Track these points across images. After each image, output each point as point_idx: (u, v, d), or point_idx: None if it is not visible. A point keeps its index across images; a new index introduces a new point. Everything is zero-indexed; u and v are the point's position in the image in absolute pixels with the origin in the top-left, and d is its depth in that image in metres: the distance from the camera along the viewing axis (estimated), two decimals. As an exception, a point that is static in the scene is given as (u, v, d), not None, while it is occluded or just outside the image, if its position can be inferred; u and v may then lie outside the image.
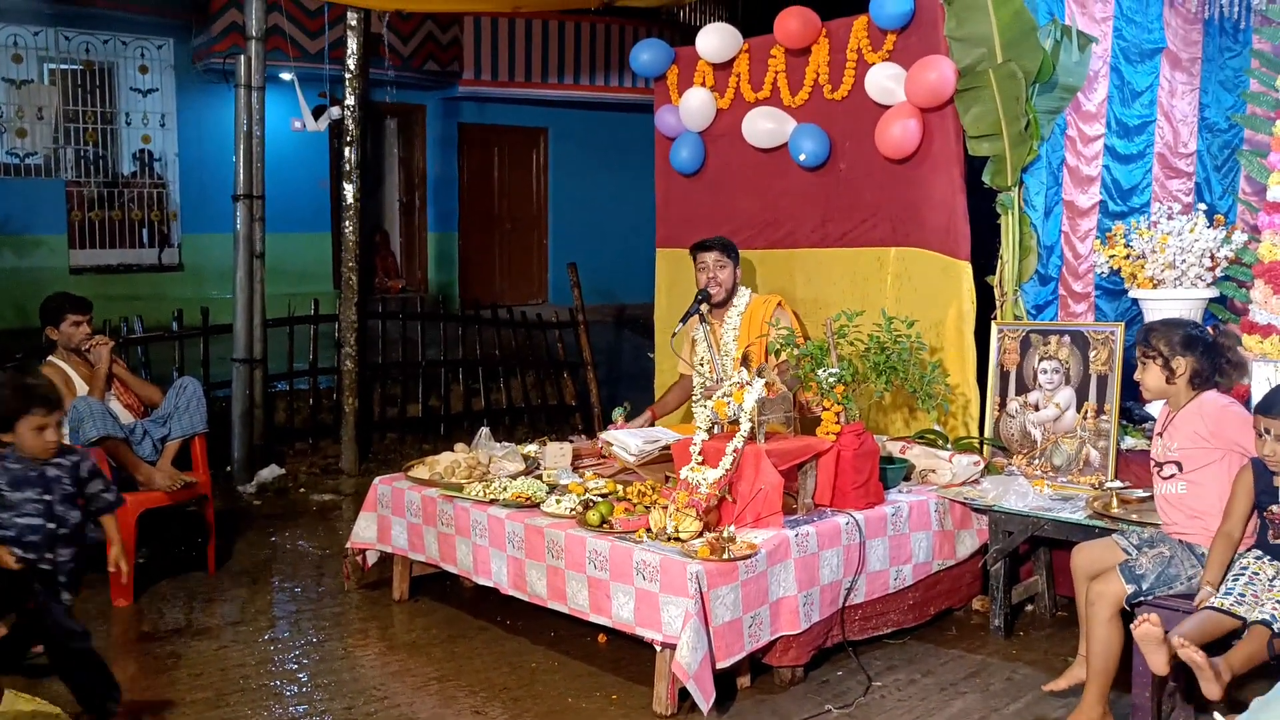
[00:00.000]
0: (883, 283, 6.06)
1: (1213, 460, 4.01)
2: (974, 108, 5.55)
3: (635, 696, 4.41)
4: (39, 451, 4.09)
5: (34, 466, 4.09)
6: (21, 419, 4.02)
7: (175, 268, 13.33)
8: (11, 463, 4.09)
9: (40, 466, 4.11)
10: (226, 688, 4.56)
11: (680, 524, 4.37)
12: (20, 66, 12.29)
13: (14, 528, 4.05)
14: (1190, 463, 4.05)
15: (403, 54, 13.54)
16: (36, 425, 4.04)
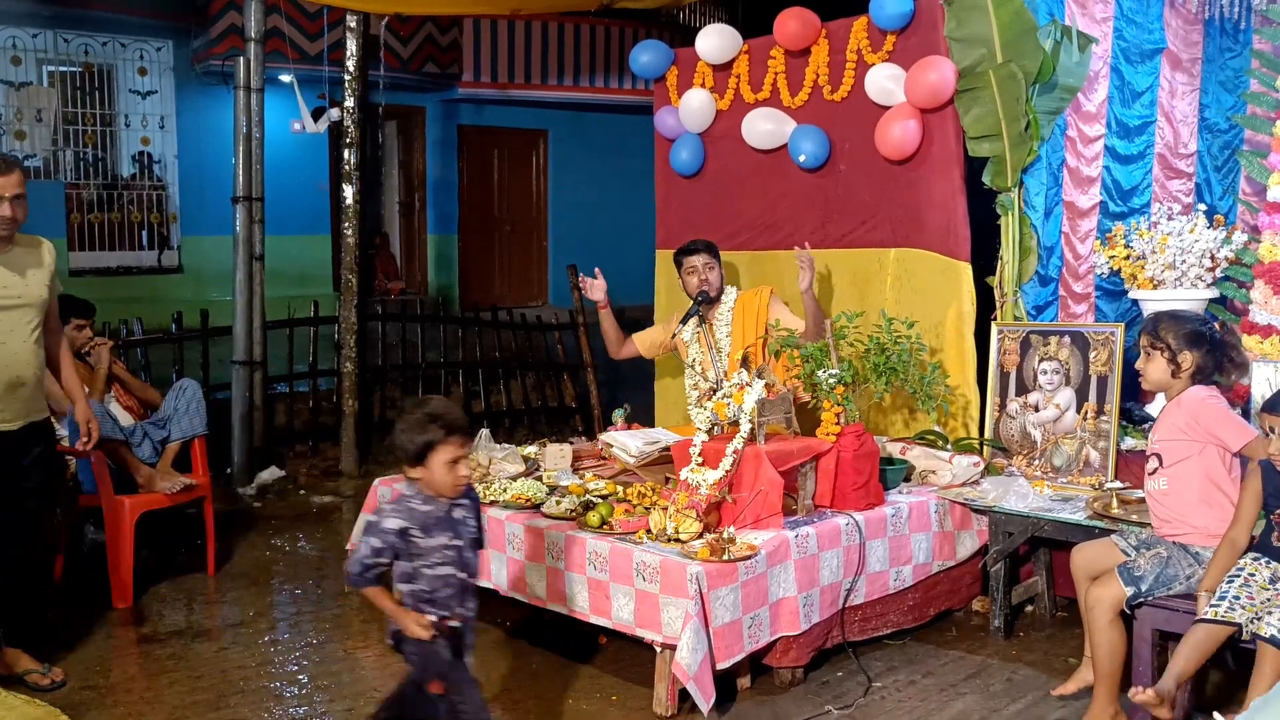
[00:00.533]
0: (883, 284, 6.06)
1: (1190, 454, 4.00)
2: (974, 108, 5.55)
3: (635, 697, 4.41)
4: (449, 489, 3.44)
5: (442, 506, 3.47)
6: (435, 451, 3.40)
7: (175, 270, 13.33)
8: (419, 503, 3.46)
9: (447, 506, 3.49)
10: (227, 689, 4.55)
11: (680, 525, 4.36)
12: (19, 69, 12.29)
13: (424, 580, 3.44)
14: (1169, 456, 4.05)
15: (402, 56, 13.54)
16: (451, 458, 3.41)
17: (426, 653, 3.43)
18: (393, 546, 3.40)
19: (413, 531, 3.41)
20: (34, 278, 4.47)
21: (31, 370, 4.43)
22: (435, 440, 3.38)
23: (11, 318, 4.37)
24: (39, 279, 4.50)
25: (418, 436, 3.39)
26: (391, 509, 3.44)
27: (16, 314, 4.39)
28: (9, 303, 4.37)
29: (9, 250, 4.41)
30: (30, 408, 4.47)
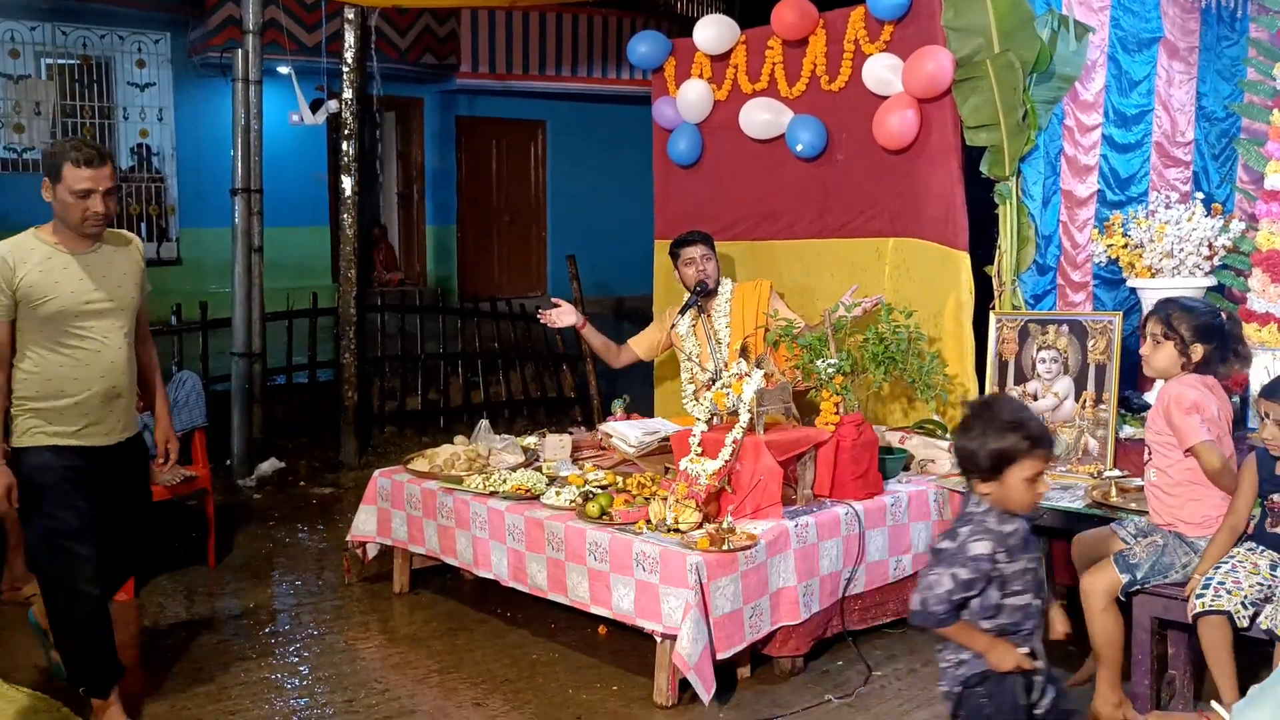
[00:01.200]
0: (881, 273, 6.07)
1: (1173, 446, 4.00)
2: (972, 98, 5.55)
3: (636, 687, 4.42)
4: (1027, 506, 2.98)
5: (1023, 525, 3.01)
6: (1015, 464, 2.92)
7: (173, 262, 13.32)
8: (996, 522, 2.96)
9: (1027, 523, 3.04)
10: (228, 680, 4.57)
11: (680, 515, 4.38)
12: (17, 61, 12.27)
13: (1005, 612, 2.98)
14: (1156, 447, 4.06)
15: (400, 47, 13.52)
16: (1033, 473, 2.93)
17: (1003, 700, 2.98)
18: (986, 575, 2.92)
19: (998, 555, 2.93)
20: (125, 279, 4.13)
21: (126, 380, 4.13)
22: (1018, 452, 2.91)
23: (104, 324, 4.02)
24: (131, 280, 4.18)
25: (994, 445, 2.91)
26: (970, 532, 2.94)
27: (109, 320, 4.04)
28: (101, 306, 4.01)
29: (97, 249, 4.04)
30: (127, 421, 4.19)
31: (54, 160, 3.85)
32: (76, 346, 3.95)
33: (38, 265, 3.87)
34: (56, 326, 3.90)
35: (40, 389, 3.92)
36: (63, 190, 3.84)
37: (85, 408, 3.98)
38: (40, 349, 3.92)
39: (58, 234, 3.95)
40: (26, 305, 3.85)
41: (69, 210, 3.87)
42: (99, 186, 3.86)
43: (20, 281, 3.83)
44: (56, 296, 3.88)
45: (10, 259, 3.84)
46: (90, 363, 3.98)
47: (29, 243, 3.92)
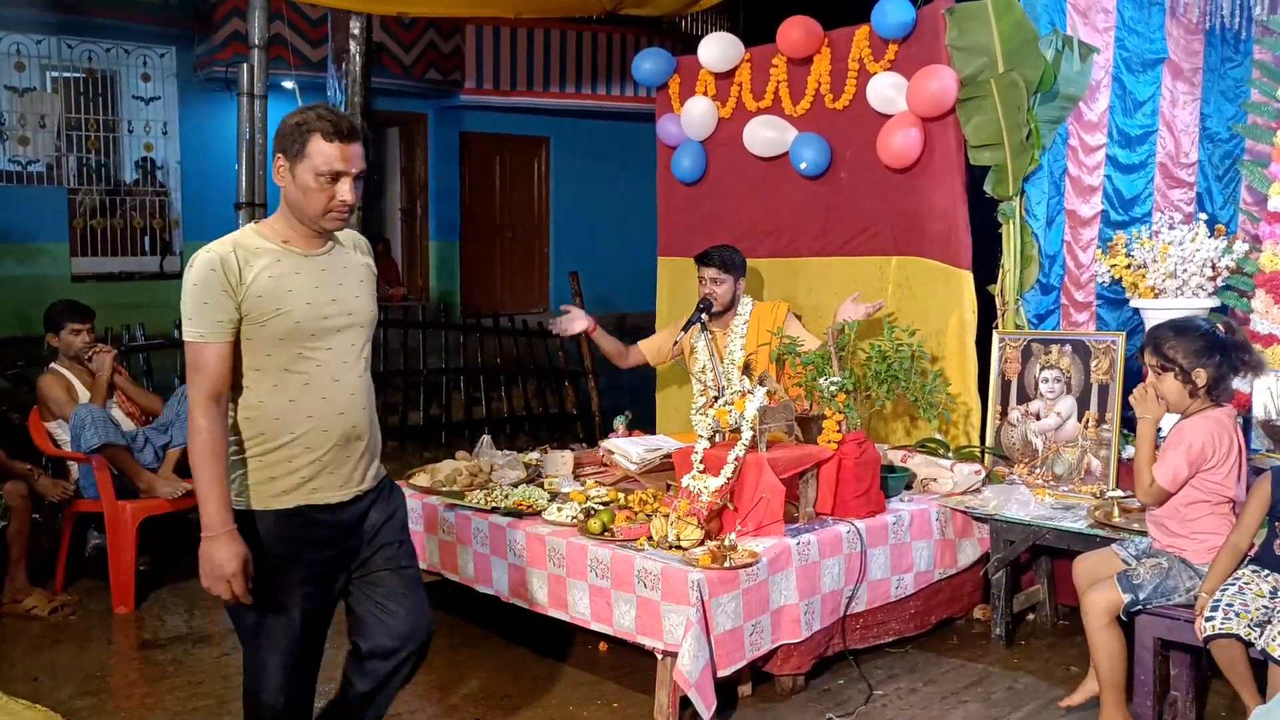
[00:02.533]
0: (884, 291, 6.07)
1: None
2: (975, 117, 5.56)
3: (636, 705, 4.41)
4: None
5: None
6: None
7: (177, 275, 13.27)
8: None
9: None
10: (227, 695, 4.55)
11: (682, 532, 4.37)
12: (23, 74, 12.31)
13: None
14: None
15: (404, 63, 13.56)
16: None
17: None
18: None
19: None
20: (363, 287, 3.25)
21: (368, 415, 3.25)
22: None
23: (342, 345, 3.14)
24: (367, 289, 3.27)
25: None
26: None
27: (347, 339, 3.15)
28: (340, 322, 3.12)
29: (330, 248, 3.19)
30: (367, 468, 3.27)
31: (298, 131, 3.00)
32: (309, 374, 3.08)
33: (266, 269, 3.01)
34: (287, 349, 3.04)
35: (264, 430, 3.06)
36: (305, 171, 3.00)
37: (319, 453, 3.11)
38: (264, 378, 3.05)
39: (285, 229, 3.11)
40: (253, 321, 2.99)
41: (309, 198, 3.03)
42: (352, 168, 3.04)
43: (248, 290, 2.98)
44: (290, 309, 3.02)
45: (235, 261, 2.98)
46: (327, 394, 3.10)
47: (252, 240, 3.06)
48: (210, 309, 2.95)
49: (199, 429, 2.96)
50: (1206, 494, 3.93)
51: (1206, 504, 3.94)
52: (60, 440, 5.83)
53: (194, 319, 2.97)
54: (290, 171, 3.04)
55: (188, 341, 2.99)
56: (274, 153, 3.07)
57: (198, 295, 2.96)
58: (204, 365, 2.97)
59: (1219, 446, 3.89)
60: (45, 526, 6.24)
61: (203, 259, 2.98)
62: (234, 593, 2.99)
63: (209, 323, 2.96)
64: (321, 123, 3.00)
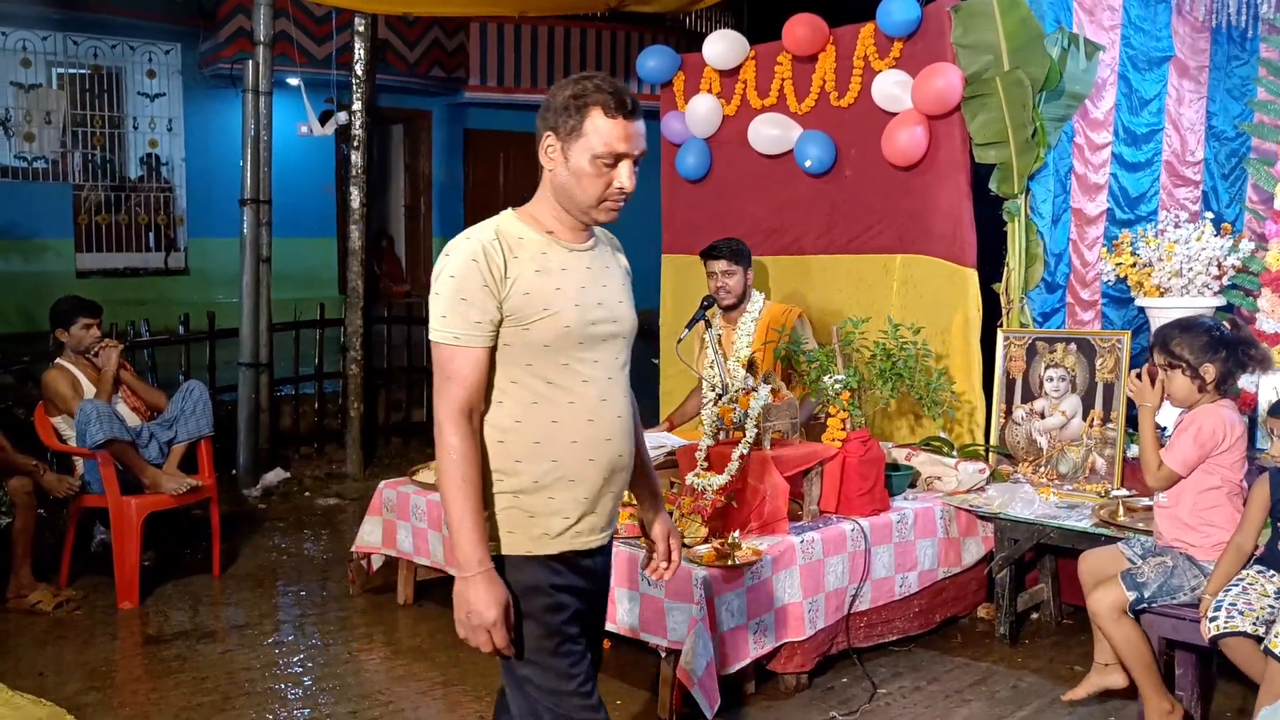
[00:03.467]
0: (889, 289, 6.06)
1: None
2: (980, 115, 5.55)
3: (640, 703, 4.41)
4: None
5: None
6: None
7: (182, 272, 13.35)
8: None
9: None
10: (232, 691, 4.56)
11: (686, 530, 4.37)
12: (29, 71, 12.32)
13: None
14: None
15: (409, 60, 13.57)
16: None
17: None
18: None
19: None
20: (624, 291, 2.79)
21: (630, 442, 2.73)
22: None
23: (608, 356, 2.67)
24: (629, 294, 2.82)
25: None
26: None
27: (612, 348, 2.68)
28: (607, 329, 2.66)
29: (593, 244, 2.74)
30: (616, 506, 2.77)
31: (574, 106, 2.56)
32: (575, 391, 2.59)
33: (532, 262, 2.57)
34: (552, 358, 2.56)
35: (520, 457, 2.57)
36: (580, 152, 2.56)
37: (584, 487, 2.61)
38: (523, 393, 2.57)
39: (550, 217, 2.66)
40: (516, 322, 2.53)
41: (583, 184, 2.58)
42: (634, 150, 2.62)
43: (513, 286, 2.53)
44: (559, 310, 2.56)
45: (498, 250, 2.54)
46: (594, 416, 2.61)
47: (515, 228, 2.63)
48: (468, 307, 2.49)
49: (450, 448, 2.48)
50: (1219, 480, 3.93)
51: (1219, 491, 3.93)
52: (66, 436, 5.84)
53: (448, 317, 2.50)
54: (562, 152, 2.58)
55: (437, 344, 2.52)
56: (541, 130, 2.61)
57: (455, 290, 2.50)
58: (457, 373, 2.50)
59: (1230, 432, 3.91)
60: (50, 522, 6.25)
61: (463, 248, 2.54)
62: (495, 644, 2.52)
63: (466, 323, 2.49)
64: (601, 95, 2.56)
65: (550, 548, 2.58)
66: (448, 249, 2.57)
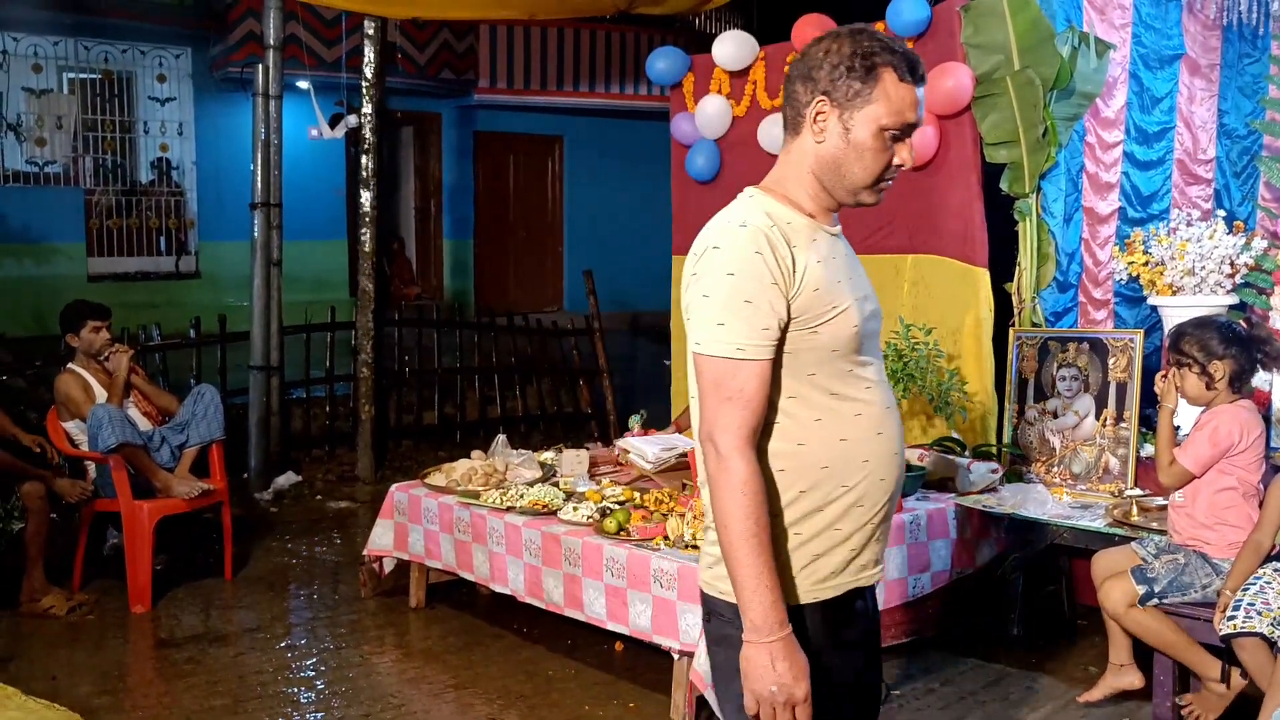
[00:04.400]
0: (900, 290, 6.05)
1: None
2: (991, 115, 5.54)
3: (652, 705, 4.40)
4: None
5: None
6: None
7: (193, 275, 13.38)
8: None
9: None
10: (244, 694, 4.56)
11: (698, 531, 4.36)
12: (40, 76, 12.36)
13: None
14: None
15: (419, 62, 13.58)
16: None
17: None
18: None
19: None
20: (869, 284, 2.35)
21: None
22: None
23: (878, 355, 2.30)
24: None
25: None
26: None
27: (879, 346, 2.34)
28: (877, 324, 2.30)
29: (837, 227, 2.33)
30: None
31: (861, 66, 2.12)
32: (861, 400, 2.19)
33: (810, 250, 2.15)
34: (836, 365, 2.16)
35: (805, 486, 2.15)
36: (865, 121, 2.13)
37: (872, 514, 2.20)
38: (805, 409, 2.14)
39: (806, 196, 2.24)
40: (804, 325, 2.10)
41: (864, 158, 2.17)
42: (919, 119, 2.19)
43: (803, 282, 2.10)
44: (847, 307, 2.15)
45: (780, 238, 2.11)
46: (884, 426, 2.21)
47: (779, 210, 2.19)
48: (754, 311, 2.04)
49: (739, 486, 2.02)
50: (1235, 481, 3.91)
51: (1235, 491, 3.91)
52: (78, 440, 5.85)
53: (729, 324, 2.04)
54: (839, 121, 2.15)
55: (713, 357, 2.06)
56: (805, 93, 2.19)
57: (735, 290, 2.05)
58: (740, 392, 2.05)
59: (1246, 433, 3.89)
60: (62, 526, 6.26)
61: (739, 237, 2.09)
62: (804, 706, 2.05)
63: (751, 331, 2.04)
64: (893, 57, 2.13)
65: (832, 589, 2.17)
66: (712, 239, 2.13)
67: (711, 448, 2.07)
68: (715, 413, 2.07)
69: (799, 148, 2.24)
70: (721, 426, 2.05)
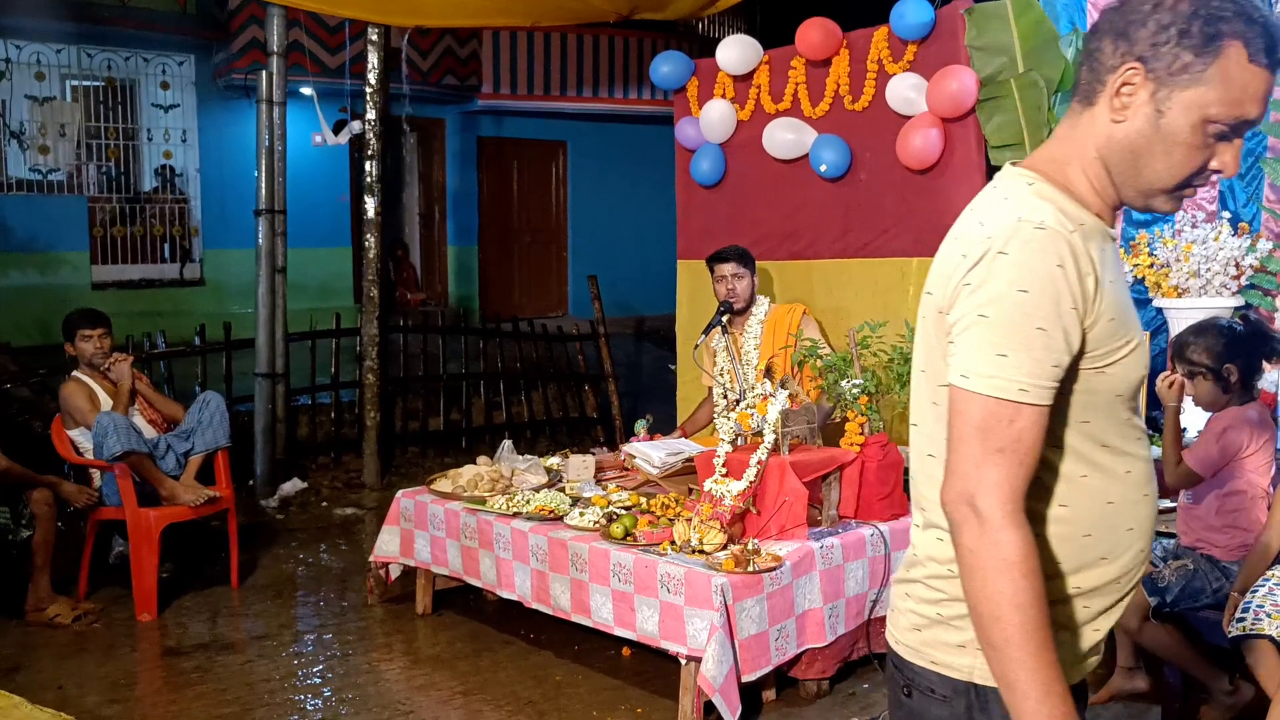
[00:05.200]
0: (905, 293, 6.04)
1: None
2: (996, 117, 5.53)
3: (660, 710, 4.40)
4: None
5: None
6: None
7: (197, 283, 13.40)
8: None
9: None
10: (252, 702, 4.56)
11: (704, 536, 4.35)
12: (43, 84, 12.39)
13: None
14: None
15: (422, 69, 13.60)
16: None
17: None
18: None
19: None
20: None
21: None
22: None
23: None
24: None
25: None
26: None
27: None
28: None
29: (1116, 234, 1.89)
30: None
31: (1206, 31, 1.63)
32: (1132, 453, 1.82)
33: (1105, 264, 1.71)
34: (1114, 412, 1.76)
35: (1067, 558, 1.76)
36: (1189, 106, 1.67)
37: (1124, 587, 1.83)
38: (1073, 465, 1.75)
39: (1090, 190, 1.76)
40: (1092, 363, 1.69)
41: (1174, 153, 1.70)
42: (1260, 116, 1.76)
43: (1102, 305, 1.68)
44: (1139, 342, 1.76)
45: (1084, 248, 1.66)
46: (1149, 487, 1.87)
47: (1074, 210, 1.72)
48: (1047, 341, 1.62)
49: (1013, 560, 1.59)
50: (1245, 484, 3.91)
51: (1244, 494, 3.91)
52: (83, 448, 5.85)
53: (1013, 357, 1.61)
54: (1152, 99, 1.68)
55: (987, 396, 1.62)
56: (1113, 53, 1.71)
57: (1030, 313, 1.61)
58: (1018, 442, 1.62)
59: (1255, 437, 3.89)
60: (68, 535, 6.27)
61: (1038, 243, 1.63)
62: None
63: (1039, 366, 1.62)
64: (1247, 27, 1.64)
65: (1075, 675, 1.79)
66: (997, 241, 1.64)
67: (969, 512, 1.62)
68: (980, 468, 1.62)
69: (1088, 122, 1.76)
70: (989, 485, 1.61)
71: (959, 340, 1.66)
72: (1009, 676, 1.59)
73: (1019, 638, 1.57)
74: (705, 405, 6.22)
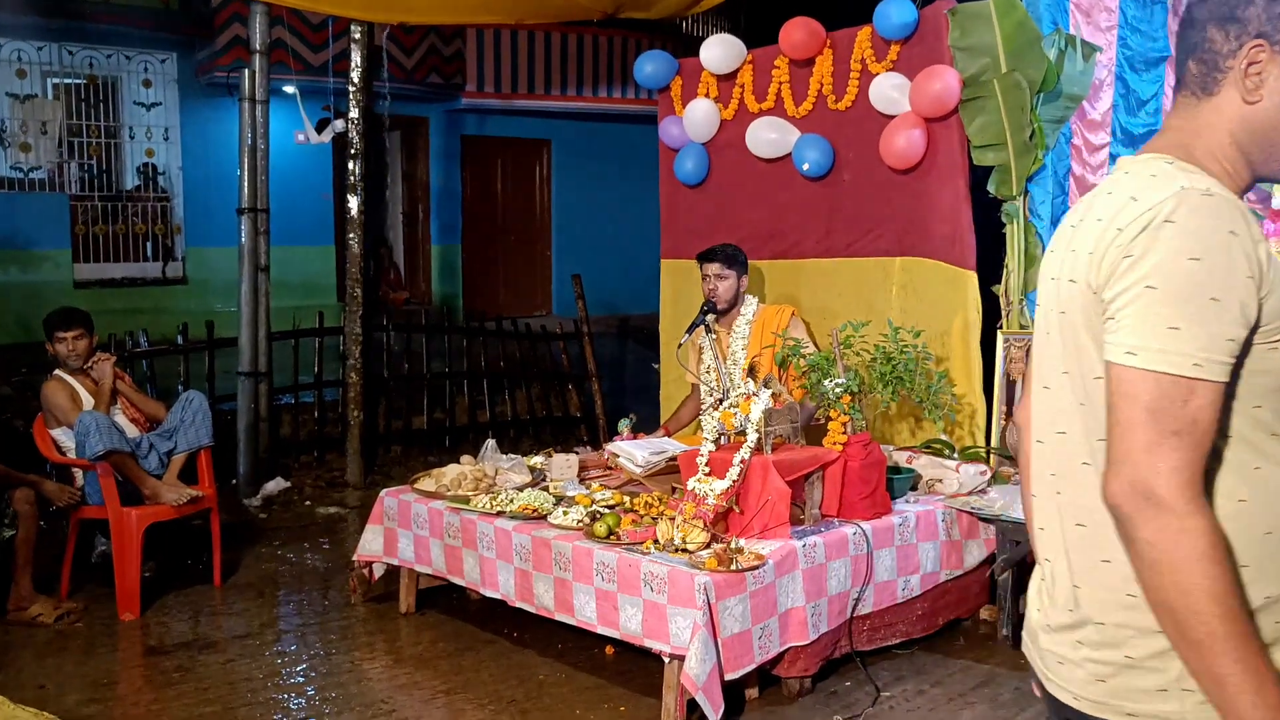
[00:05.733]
0: (888, 293, 6.06)
1: None
2: (978, 117, 5.56)
3: (643, 708, 4.40)
4: None
5: None
6: None
7: (179, 281, 13.34)
8: None
9: None
10: (234, 701, 4.55)
11: (688, 535, 4.36)
12: (24, 81, 12.32)
13: None
14: None
15: (406, 67, 13.57)
16: None
17: None
18: None
19: None
20: None
21: None
22: None
23: None
24: None
25: None
26: None
27: None
28: None
29: None
30: None
31: None
32: None
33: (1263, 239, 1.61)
34: None
35: (1249, 559, 1.58)
36: None
37: None
38: (1244, 454, 1.60)
39: (1225, 174, 1.71)
40: (1266, 338, 1.57)
41: None
42: None
43: (1276, 279, 1.56)
44: None
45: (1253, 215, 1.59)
46: None
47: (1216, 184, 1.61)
48: (1221, 312, 1.51)
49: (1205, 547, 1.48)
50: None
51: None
52: (65, 447, 5.82)
53: (1186, 330, 1.50)
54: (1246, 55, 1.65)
55: (1158, 373, 1.50)
56: (1236, 38, 1.66)
57: (1204, 282, 1.51)
58: (1194, 424, 1.51)
59: None
60: (50, 534, 6.24)
61: (1209, 208, 1.54)
62: None
63: (1214, 340, 1.51)
64: None
65: None
66: (1162, 209, 1.54)
67: (1145, 503, 1.49)
68: (1155, 452, 1.49)
69: (1211, 111, 1.69)
70: (1167, 471, 1.48)
71: (1121, 316, 1.54)
72: (1217, 673, 1.46)
73: (1223, 629, 1.45)
74: (688, 403, 6.23)
